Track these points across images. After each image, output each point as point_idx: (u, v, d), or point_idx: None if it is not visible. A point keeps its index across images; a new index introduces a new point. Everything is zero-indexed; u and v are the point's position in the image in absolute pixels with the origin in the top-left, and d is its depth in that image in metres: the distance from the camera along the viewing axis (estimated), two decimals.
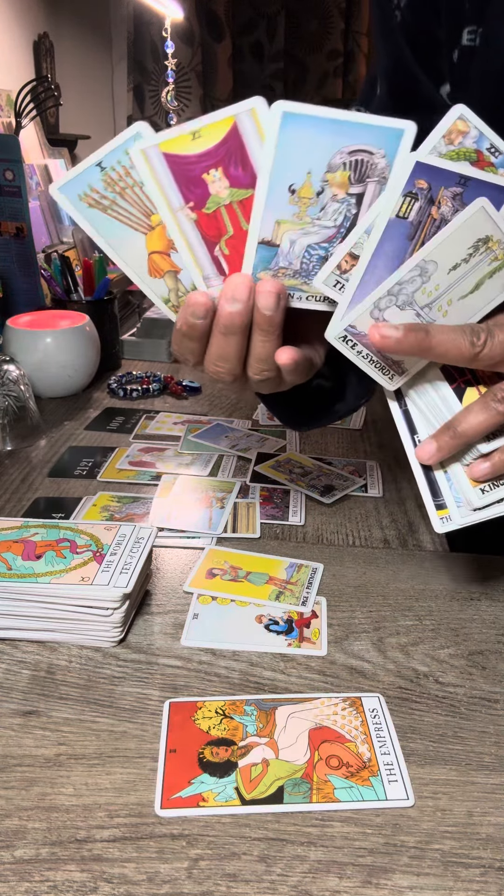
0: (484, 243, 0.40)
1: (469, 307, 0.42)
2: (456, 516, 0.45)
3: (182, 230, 0.40)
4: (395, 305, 0.41)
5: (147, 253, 0.42)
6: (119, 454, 0.80)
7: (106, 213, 0.40)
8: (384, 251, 0.40)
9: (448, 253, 0.40)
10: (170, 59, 1.87)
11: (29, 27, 1.71)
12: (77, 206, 0.40)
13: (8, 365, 0.83)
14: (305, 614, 0.53)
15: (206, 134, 0.38)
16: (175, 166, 0.39)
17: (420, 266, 0.40)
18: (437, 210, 0.39)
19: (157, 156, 0.38)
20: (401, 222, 0.39)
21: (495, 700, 0.45)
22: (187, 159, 0.38)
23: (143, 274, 0.42)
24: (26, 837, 0.35)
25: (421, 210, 0.39)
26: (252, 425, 0.89)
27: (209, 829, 0.36)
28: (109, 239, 0.41)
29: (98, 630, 0.48)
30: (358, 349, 0.43)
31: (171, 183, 0.39)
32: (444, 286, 0.41)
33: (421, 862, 0.35)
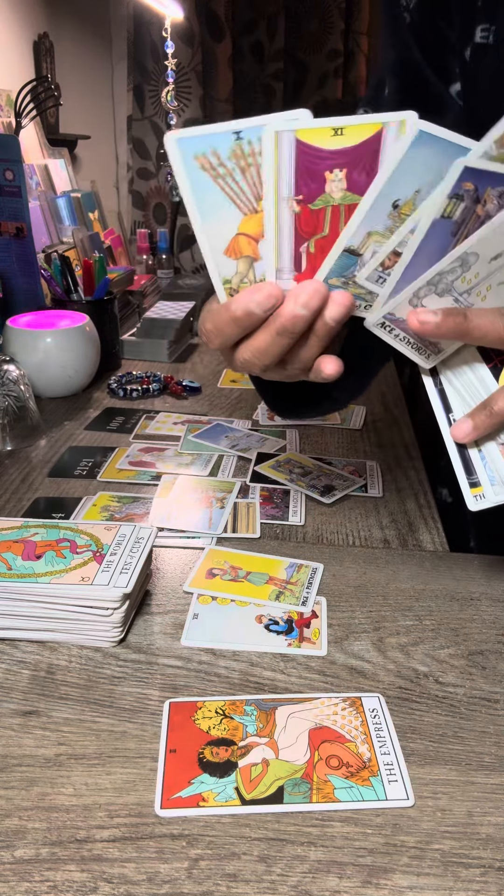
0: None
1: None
2: (490, 494, 0.46)
3: (279, 219, 0.40)
4: (434, 293, 0.42)
5: (236, 231, 0.41)
6: (119, 454, 0.80)
7: (215, 182, 0.39)
8: (426, 249, 0.40)
9: (490, 245, 0.40)
10: (170, 59, 1.86)
11: (29, 27, 1.71)
12: (188, 162, 0.39)
13: (8, 365, 0.83)
14: (305, 614, 0.53)
15: (349, 133, 0.38)
16: (302, 156, 0.38)
17: (462, 258, 0.40)
18: (483, 207, 0.39)
19: (289, 140, 0.38)
20: (445, 222, 0.40)
21: (495, 700, 0.45)
22: (319, 153, 0.38)
23: (218, 249, 0.41)
24: (26, 837, 0.35)
25: (466, 209, 0.39)
26: (252, 425, 0.89)
27: (209, 829, 0.36)
28: (203, 205, 0.40)
29: (98, 630, 0.48)
30: (395, 333, 0.44)
31: (290, 171, 0.39)
32: (483, 274, 0.41)
33: (421, 862, 0.35)
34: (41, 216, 1.36)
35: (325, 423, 0.90)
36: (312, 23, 2.46)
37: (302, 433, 0.87)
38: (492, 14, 0.53)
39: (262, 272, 0.42)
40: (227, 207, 0.40)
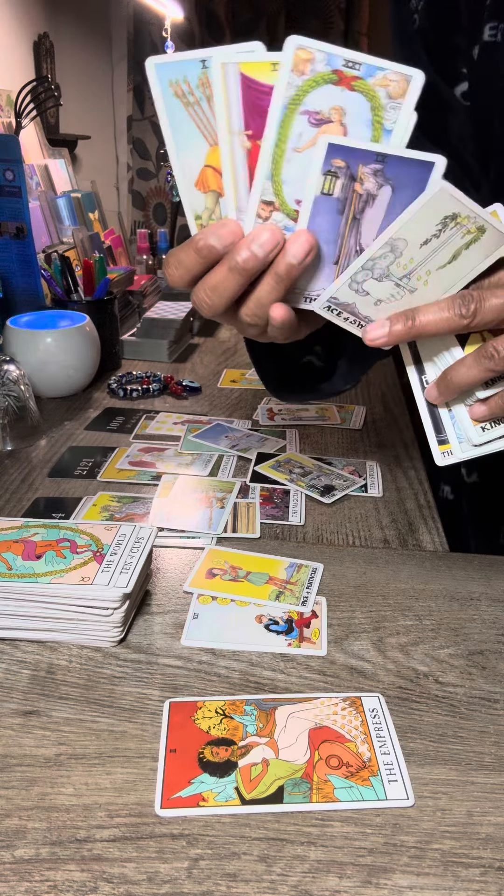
0: (452, 219, 0.40)
1: (450, 275, 0.43)
2: (457, 451, 0.48)
3: (232, 155, 0.40)
4: (371, 278, 0.43)
5: (204, 163, 0.41)
6: (119, 454, 0.80)
7: (186, 109, 0.40)
8: (318, 225, 0.42)
9: (416, 230, 0.41)
10: None
11: (29, 27, 1.71)
12: (164, 89, 0.39)
13: (8, 365, 0.83)
14: (305, 614, 0.53)
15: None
16: (248, 90, 0.38)
17: (389, 243, 0.41)
18: (361, 186, 0.40)
19: (234, 73, 0.38)
20: (327, 199, 0.41)
21: (495, 700, 0.45)
22: (262, 87, 0.38)
23: (190, 182, 0.42)
24: (26, 837, 0.35)
25: (344, 187, 0.40)
26: (252, 425, 0.89)
27: (209, 829, 0.36)
28: (176, 134, 0.40)
29: (98, 630, 0.48)
30: (344, 316, 0.45)
31: (238, 105, 0.39)
32: (418, 259, 0.42)
33: (421, 862, 0.35)
34: (41, 216, 1.36)
35: (325, 423, 0.90)
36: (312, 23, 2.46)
37: (302, 433, 0.87)
38: (500, 13, 0.54)
39: (225, 210, 0.42)
40: (196, 137, 0.40)
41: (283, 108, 0.38)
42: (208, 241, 0.42)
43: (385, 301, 0.44)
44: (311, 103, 0.38)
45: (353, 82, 0.38)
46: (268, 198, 0.41)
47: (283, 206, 0.41)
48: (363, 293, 0.44)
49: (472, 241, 0.41)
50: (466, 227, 0.41)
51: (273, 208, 0.41)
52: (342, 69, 0.37)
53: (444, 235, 0.41)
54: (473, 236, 0.41)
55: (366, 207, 0.41)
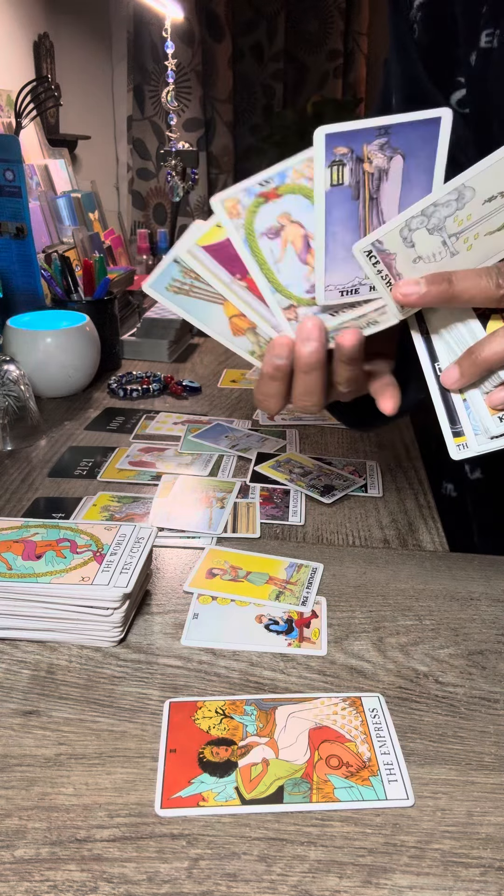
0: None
1: (493, 244, 0.43)
2: (473, 444, 0.47)
3: (240, 297, 0.47)
4: (424, 228, 0.42)
5: (228, 318, 0.48)
6: (119, 454, 0.80)
7: (189, 296, 0.47)
8: (336, 218, 0.43)
9: (488, 182, 0.41)
10: (170, 59, 1.86)
11: (29, 27, 1.71)
12: (167, 295, 0.47)
13: (8, 365, 0.83)
14: (305, 614, 0.53)
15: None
16: (215, 253, 0.45)
17: (459, 190, 0.41)
18: (371, 164, 0.41)
19: (199, 251, 0.45)
20: (339, 189, 0.42)
21: (495, 700, 0.45)
22: (222, 244, 0.45)
23: (228, 336, 0.49)
24: (26, 837, 0.35)
25: (353, 171, 0.41)
26: (252, 425, 0.89)
27: (209, 829, 0.36)
28: (197, 315, 0.48)
29: (98, 630, 0.48)
30: (379, 268, 0.44)
31: (217, 266, 0.46)
32: (476, 217, 0.42)
33: (421, 862, 0.35)
34: (41, 216, 1.36)
35: (325, 423, 0.90)
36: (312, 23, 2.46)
37: (302, 433, 0.87)
38: (496, 19, 0.55)
39: (266, 334, 0.48)
40: (209, 307, 0.48)
41: (246, 244, 0.44)
42: (273, 363, 0.47)
43: (425, 260, 0.43)
44: (261, 227, 0.44)
45: (277, 191, 0.43)
46: (285, 304, 0.46)
47: (300, 301, 0.46)
48: (409, 244, 0.43)
49: None
50: None
51: (294, 308, 0.46)
52: (262, 190, 0.43)
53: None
54: None
55: (380, 184, 0.42)
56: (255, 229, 0.44)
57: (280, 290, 0.46)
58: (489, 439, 0.47)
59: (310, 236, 0.44)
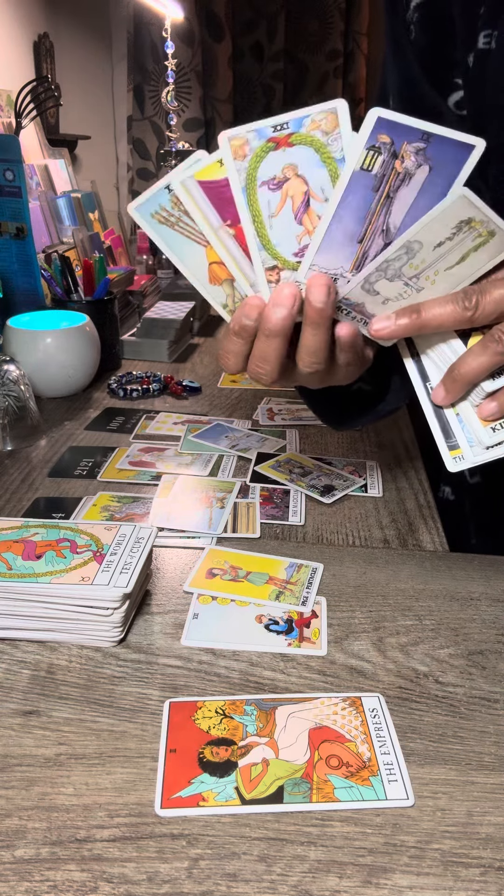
0: (466, 224, 0.42)
1: (456, 276, 0.44)
2: (469, 455, 0.48)
3: (225, 246, 0.45)
4: (384, 279, 0.44)
5: (207, 263, 0.46)
6: (119, 454, 0.80)
7: (174, 229, 0.45)
8: (349, 202, 0.42)
9: (432, 233, 0.42)
10: (170, 59, 1.86)
11: (29, 27, 1.71)
12: (150, 222, 0.45)
13: (8, 365, 0.83)
14: (305, 614, 0.53)
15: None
16: (210, 191, 0.43)
17: (406, 246, 0.42)
18: (402, 164, 0.41)
19: (194, 185, 0.43)
20: (365, 175, 0.41)
21: (495, 700, 0.45)
22: (220, 183, 0.43)
23: (204, 282, 0.47)
24: (26, 837, 0.35)
25: (385, 163, 0.41)
26: (252, 425, 0.89)
27: (209, 829, 0.36)
28: (177, 251, 0.46)
29: (98, 630, 0.48)
30: (352, 315, 0.47)
31: (209, 206, 0.44)
32: (430, 260, 0.43)
33: (421, 862, 0.35)
34: (41, 216, 1.36)
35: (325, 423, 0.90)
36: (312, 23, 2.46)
37: (302, 433, 0.87)
38: (494, 21, 0.54)
39: (243, 290, 0.46)
40: (191, 246, 0.45)
41: (243, 190, 0.42)
42: (241, 321, 0.46)
43: (392, 300, 0.45)
44: (264, 175, 0.42)
45: (290, 139, 0.41)
46: (269, 264, 0.44)
47: (286, 264, 0.45)
48: (373, 293, 0.45)
49: (482, 243, 0.42)
50: (478, 231, 0.42)
51: (278, 270, 0.45)
52: (275, 135, 0.41)
53: (457, 238, 0.42)
54: (483, 239, 0.42)
55: (401, 186, 0.42)
56: (257, 176, 0.42)
57: (268, 248, 0.44)
58: (484, 450, 0.48)
59: (312, 194, 0.43)
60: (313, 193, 0.43)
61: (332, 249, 0.44)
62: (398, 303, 0.45)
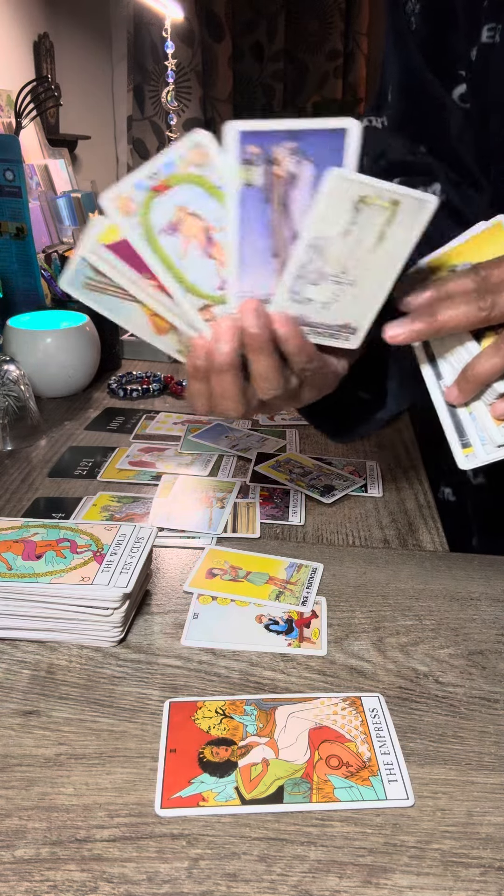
0: (362, 202, 0.40)
1: (385, 255, 0.42)
2: (481, 453, 0.48)
3: (154, 298, 0.45)
4: (308, 284, 0.43)
5: (147, 317, 0.46)
6: (119, 454, 0.80)
7: (106, 293, 0.45)
8: (247, 220, 0.41)
9: (329, 225, 0.40)
10: (170, 59, 1.86)
11: (29, 27, 1.71)
12: (84, 293, 0.45)
13: (8, 365, 0.83)
14: (305, 614, 0.53)
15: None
16: (119, 252, 0.43)
17: (311, 246, 0.41)
18: (281, 168, 0.40)
19: (103, 250, 0.43)
20: (251, 190, 0.40)
21: (495, 700, 0.45)
22: (123, 244, 0.43)
23: (151, 335, 0.47)
24: (26, 837, 0.35)
25: (265, 173, 0.40)
26: (252, 425, 0.89)
27: (209, 829, 0.36)
28: (116, 313, 0.46)
29: (98, 630, 0.48)
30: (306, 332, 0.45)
31: (124, 266, 0.44)
32: (346, 251, 0.41)
33: (421, 862, 0.35)
34: (41, 216, 1.36)
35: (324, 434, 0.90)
36: (312, 23, 2.47)
37: (302, 433, 0.87)
38: (497, 14, 0.54)
39: (188, 332, 0.46)
40: (126, 306, 0.46)
41: (145, 243, 0.42)
42: (193, 363, 0.45)
43: (332, 302, 0.43)
44: (158, 223, 0.42)
45: (167, 183, 0.41)
46: (199, 305, 0.44)
47: (214, 299, 0.44)
48: (307, 301, 0.43)
49: (391, 216, 0.40)
50: (379, 205, 0.40)
51: (209, 308, 0.44)
52: (153, 184, 0.41)
53: (360, 221, 0.40)
54: (390, 211, 0.40)
55: (290, 190, 0.40)
56: (152, 226, 0.42)
57: (191, 290, 0.44)
58: (495, 448, 0.48)
59: (210, 228, 0.42)
60: (211, 227, 0.42)
61: (251, 272, 0.43)
62: (339, 303, 0.43)
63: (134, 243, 0.42)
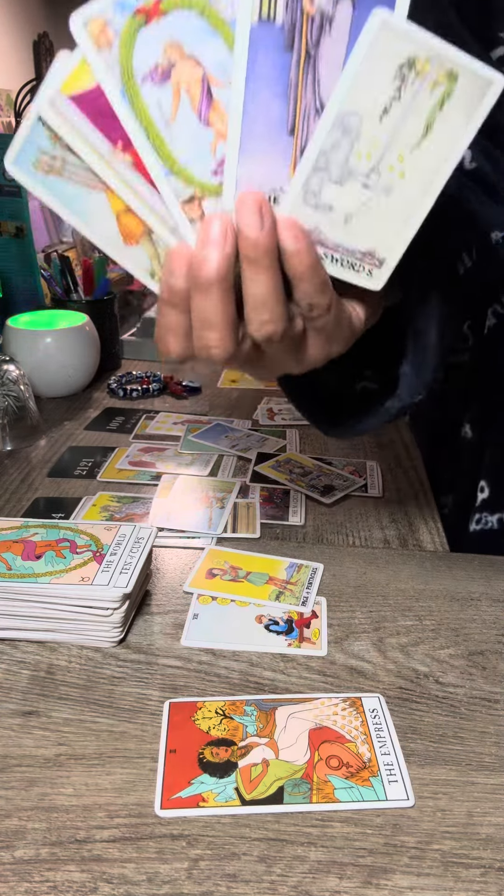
0: (410, 68, 0.30)
1: (430, 157, 0.32)
2: None
3: (126, 182, 0.33)
4: (329, 182, 0.32)
5: (115, 215, 0.34)
6: (119, 454, 0.80)
7: (62, 177, 0.33)
8: (259, 73, 0.31)
9: (368, 96, 0.30)
10: None
11: (29, 27, 1.71)
12: (34, 176, 0.33)
13: (8, 365, 0.83)
14: (305, 614, 0.53)
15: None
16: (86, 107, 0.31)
17: (338, 123, 0.31)
18: (312, 3, 0.30)
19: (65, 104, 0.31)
20: (268, 28, 0.30)
21: (495, 700, 0.45)
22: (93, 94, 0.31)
23: (118, 243, 0.35)
24: (26, 837, 0.35)
25: (290, 6, 0.30)
26: (252, 425, 0.89)
27: (209, 830, 0.36)
28: (75, 208, 0.34)
29: (98, 630, 0.48)
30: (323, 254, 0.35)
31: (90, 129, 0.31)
32: (383, 140, 0.31)
33: (421, 862, 0.35)
34: (41, 216, 1.36)
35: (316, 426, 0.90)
36: None
37: (302, 433, 0.87)
38: None
39: (166, 241, 0.34)
40: (89, 196, 0.33)
41: (122, 94, 0.31)
42: (169, 283, 0.34)
43: (357, 214, 0.33)
44: (142, 65, 0.30)
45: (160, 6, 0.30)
46: (185, 195, 0.33)
47: (206, 189, 0.33)
48: (326, 209, 0.33)
49: (445, 95, 0.30)
50: (432, 77, 0.30)
51: (198, 201, 0.33)
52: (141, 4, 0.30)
53: (405, 95, 0.30)
54: (445, 88, 0.30)
55: (322, 36, 0.30)
56: (133, 68, 0.30)
57: (177, 172, 0.32)
58: None
59: (211, 79, 0.31)
60: (212, 77, 0.31)
61: (258, 151, 0.32)
62: (366, 218, 0.33)
63: (108, 91, 0.31)
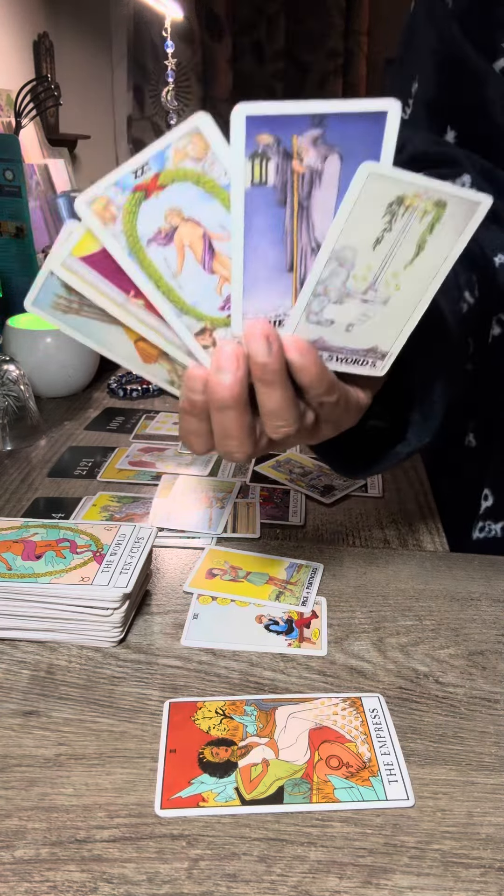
0: (399, 204, 0.33)
1: (424, 269, 0.36)
2: None
3: (140, 320, 0.38)
4: (330, 304, 0.36)
5: (132, 342, 0.39)
6: (119, 454, 0.80)
7: (80, 316, 0.38)
8: (256, 227, 0.34)
9: (360, 232, 0.34)
10: (170, 59, 1.86)
11: (29, 27, 1.71)
12: (54, 315, 0.38)
13: (8, 365, 0.83)
14: (305, 614, 0.53)
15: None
16: (97, 265, 0.36)
17: (334, 257, 0.35)
18: (301, 162, 0.33)
19: (76, 263, 0.36)
20: (261, 190, 0.34)
21: (495, 700, 0.45)
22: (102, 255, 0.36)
23: (138, 363, 0.40)
24: (26, 837, 0.35)
25: (280, 168, 0.33)
26: None
27: (209, 830, 0.36)
28: (95, 338, 0.39)
29: (98, 630, 0.48)
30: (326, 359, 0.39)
31: (103, 282, 0.36)
32: (377, 264, 0.35)
33: (421, 862, 0.35)
34: (41, 216, 1.36)
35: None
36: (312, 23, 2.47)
37: None
38: None
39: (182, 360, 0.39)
40: (107, 329, 0.39)
41: (130, 256, 0.35)
42: (189, 398, 0.39)
43: (358, 323, 0.37)
44: (146, 231, 0.35)
45: (158, 182, 0.34)
46: (197, 328, 0.37)
47: (216, 322, 0.37)
48: (327, 323, 0.37)
49: (435, 221, 0.34)
50: (421, 208, 0.33)
51: (209, 332, 0.38)
52: (139, 182, 0.34)
53: (396, 227, 0.34)
54: (434, 215, 0.34)
55: (312, 189, 0.34)
56: (138, 235, 0.35)
57: (187, 311, 0.37)
58: None
59: (211, 235, 0.35)
60: (212, 234, 0.35)
61: (260, 289, 0.36)
62: (366, 325, 0.37)
63: (116, 256, 0.35)
